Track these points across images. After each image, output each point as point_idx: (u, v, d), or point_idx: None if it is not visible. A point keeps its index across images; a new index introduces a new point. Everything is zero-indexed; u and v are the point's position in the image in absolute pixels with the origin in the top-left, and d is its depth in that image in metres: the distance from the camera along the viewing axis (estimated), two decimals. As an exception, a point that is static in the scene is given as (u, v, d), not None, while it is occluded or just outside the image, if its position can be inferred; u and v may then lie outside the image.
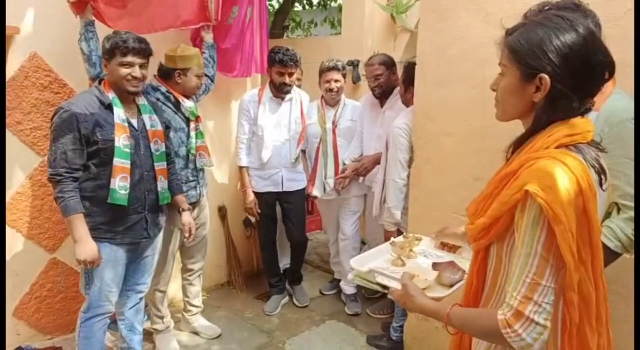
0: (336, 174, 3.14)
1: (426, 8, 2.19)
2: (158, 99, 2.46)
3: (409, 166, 2.46)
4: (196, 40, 2.91)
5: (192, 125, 2.59)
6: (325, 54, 3.44)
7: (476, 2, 1.99)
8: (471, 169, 2.09)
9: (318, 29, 7.40)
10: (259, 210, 3.09)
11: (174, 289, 3.08)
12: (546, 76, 0.92)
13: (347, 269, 3.20)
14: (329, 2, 6.92)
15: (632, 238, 1.37)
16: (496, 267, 1.02)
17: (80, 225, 1.97)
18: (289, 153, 3.05)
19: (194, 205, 2.65)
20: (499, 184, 0.99)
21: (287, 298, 3.34)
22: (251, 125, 3.01)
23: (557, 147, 0.94)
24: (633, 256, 1.44)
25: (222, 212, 3.43)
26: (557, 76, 0.92)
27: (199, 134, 2.63)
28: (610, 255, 1.39)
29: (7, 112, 2.41)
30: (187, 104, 2.55)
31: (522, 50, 0.95)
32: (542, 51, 0.92)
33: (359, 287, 3.23)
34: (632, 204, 1.38)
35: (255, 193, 3.07)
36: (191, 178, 2.63)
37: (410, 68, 2.47)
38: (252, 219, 3.29)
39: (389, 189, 2.55)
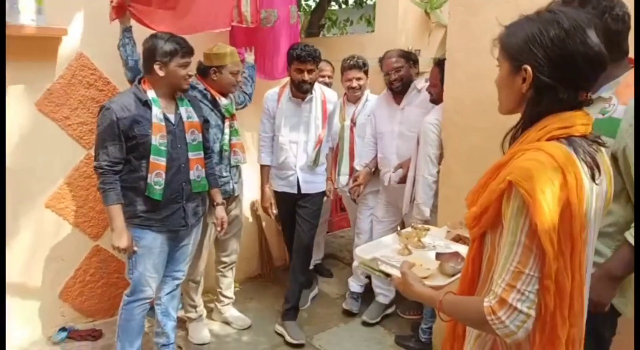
0: (350, 171, 3.12)
1: (455, 2, 2.18)
2: (195, 97, 2.55)
3: (439, 163, 2.45)
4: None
5: (227, 122, 2.67)
6: (358, 51, 3.43)
7: (506, -5, 1.94)
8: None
9: (354, 27, 7.41)
10: (274, 211, 2.99)
11: (207, 280, 3.18)
12: (528, 67, 0.97)
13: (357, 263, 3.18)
14: (364, 0, 6.92)
15: None
16: (490, 256, 1.04)
17: (117, 216, 2.10)
18: (306, 155, 2.88)
19: (227, 200, 2.72)
20: (492, 174, 1.02)
21: (316, 290, 3.37)
22: (271, 124, 2.90)
23: (548, 140, 0.97)
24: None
25: (255, 207, 3.52)
26: (539, 68, 0.96)
27: (234, 131, 2.71)
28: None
29: (56, 108, 2.58)
30: (223, 101, 2.64)
31: (509, 44, 1.02)
32: (526, 44, 0.97)
33: (367, 290, 3.21)
34: None
35: (275, 192, 2.98)
36: (224, 174, 2.70)
37: (444, 64, 2.45)
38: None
39: (418, 185, 2.54)
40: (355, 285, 3.20)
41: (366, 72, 3.16)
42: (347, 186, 3.12)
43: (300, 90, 2.79)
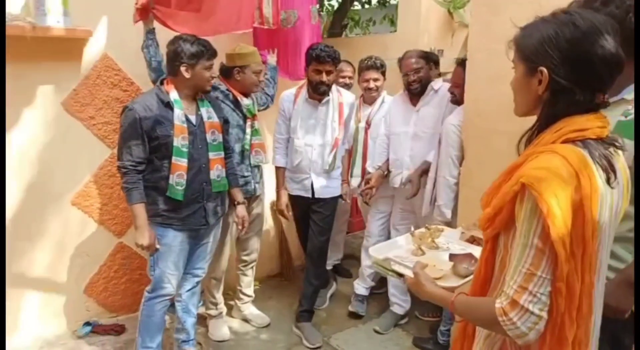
0: (362, 173, 3.09)
1: (478, 2, 2.14)
2: (217, 97, 2.58)
3: (460, 164, 2.42)
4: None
5: (248, 122, 2.70)
6: (381, 51, 3.42)
7: (529, -6, 1.91)
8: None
9: (377, 27, 7.36)
10: (289, 214, 2.97)
11: (228, 277, 3.22)
12: (544, 69, 0.97)
13: (364, 265, 3.15)
14: (387, 0, 6.86)
15: None
16: (503, 257, 1.04)
17: (141, 214, 2.14)
18: (321, 159, 2.80)
19: (248, 199, 2.74)
20: (507, 176, 1.02)
21: (333, 288, 3.38)
22: (287, 125, 2.85)
23: (563, 142, 0.97)
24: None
25: (275, 207, 3.53)
26: (556, 69, 0.96)
27: (255, 131, 2.73)
28: None
29: (81, 108, 2.65)
30: (245, 101, 2.66)
31: (524, 46, 1.01)
32: (542, 46, 0.97)
33: (372, 292, 3.20)
34: None
35: (290, 195, 2.92)
36: (246, 174, 2.72)
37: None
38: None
39: (440, 186, 2.52)
40: (360, 287, 3.17)
41: (383, 73, 3.13)
42: (359, 188, 3.04)
43: (317, 92, 2.73)
